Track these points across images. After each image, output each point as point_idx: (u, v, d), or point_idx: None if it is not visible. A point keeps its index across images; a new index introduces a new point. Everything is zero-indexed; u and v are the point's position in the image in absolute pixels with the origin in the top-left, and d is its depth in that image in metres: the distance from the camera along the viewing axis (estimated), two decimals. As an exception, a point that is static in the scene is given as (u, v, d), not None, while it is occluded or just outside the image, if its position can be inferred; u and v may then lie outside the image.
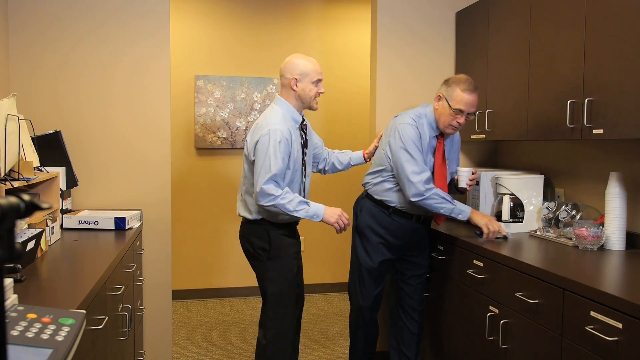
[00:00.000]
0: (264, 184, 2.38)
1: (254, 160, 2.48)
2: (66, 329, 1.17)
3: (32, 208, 0.74)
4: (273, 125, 2.45)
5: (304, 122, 2.65)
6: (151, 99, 3.28)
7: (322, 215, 2.48)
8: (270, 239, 2.56)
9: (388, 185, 2.78)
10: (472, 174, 2.77)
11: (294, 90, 2.56)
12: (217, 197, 4.87)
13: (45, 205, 0.75)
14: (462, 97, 2.61)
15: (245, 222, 2.65)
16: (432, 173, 2.74)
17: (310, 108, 2.62)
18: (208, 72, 4.81)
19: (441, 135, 2.77)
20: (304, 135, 2.63)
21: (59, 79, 3.17)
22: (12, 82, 3.11)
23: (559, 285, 1.98)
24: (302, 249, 2.99)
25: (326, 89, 4.95)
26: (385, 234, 2.81)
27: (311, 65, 2.57)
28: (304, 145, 2.62)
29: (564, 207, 2.70)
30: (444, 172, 2.79)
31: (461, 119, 2.64)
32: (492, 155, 3.68)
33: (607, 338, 1.72)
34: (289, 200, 2.41)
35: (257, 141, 2.45)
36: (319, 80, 2.59)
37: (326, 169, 2.93)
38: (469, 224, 2.75)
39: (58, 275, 2.05)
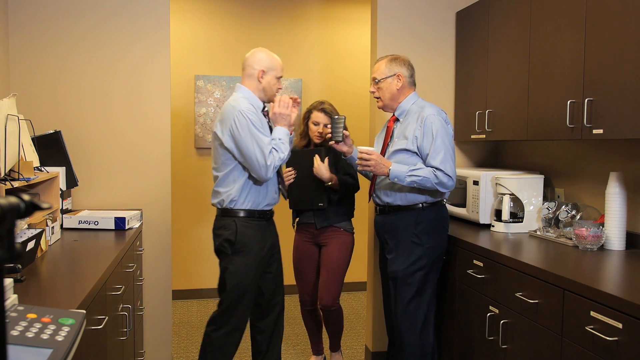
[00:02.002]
0: (268, 159, 2.47)
1: (226, 147, 2.53)
2: (66, 329, 1.17)
3: (32, 208, 0.74)
4: (240, 106, 2.52)
5: (265, 109, 2.70)
6: (151, 99, 3.28)
7: (284, 130, 2.58)
8: (237, 231, 2.55)
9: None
10: (369, 154, 2.56)
11: (259, 82, 2.64)
12: (217, 197, 4.86)
13: (45, 205, 0.75)
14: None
15: (218, 216, 2.66)
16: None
17: (270, 101, 2.70)
18: (208, 72, 4.81)
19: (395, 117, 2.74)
20: (267, 121, 2.68)
21: (59, 79, 3.17)
22: (12, 82, 3.11)
23: (559, 285, 1.98)
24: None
25: (326, 89, 5.01)
26: None
27: (277, 61, 2.70)
28: (270, 130, 2.66)
29: (564, 207, 2.70)
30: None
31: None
32: (492, 155, 3.68)
33: (607, 338, 1.72)
34: (276, 155, 2.50)
35: (232, 126, 2.49)
36: (281, 77, 2.70)
37: None
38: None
39: (58, 275, 2.04)
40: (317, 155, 2.96)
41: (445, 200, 2.74)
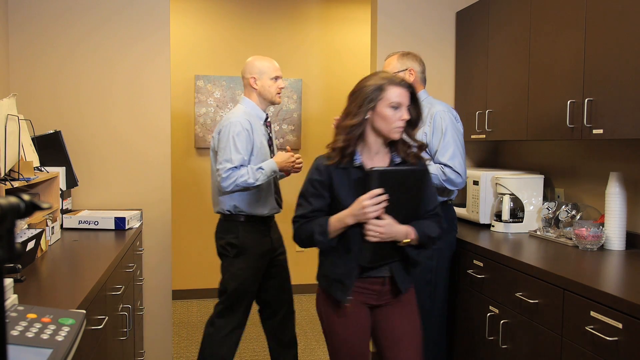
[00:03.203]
0: (225, 173, 2.51)
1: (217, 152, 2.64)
2: (66, 329, 1.17)
3: (32, 208, 0.74)
4: (233, 118, 2.60)
5: (268, 119, 2.78)
6: (151, 99, 3.28)
7: (274, 166, 2.60)
8: (239, 235, 2.64)
9: None
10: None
11: (255, 89, 2.70)
12: (217, 197, 4.86)
13: (45, 205, 0.75)
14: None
15: (221, 220, 2.75)
16: None
17: (273, 102, 2.75)
18: (208, 72, 4.81)
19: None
20: (268, 132, 2.76)
21: (59, 79, 3.17)
22: (12, 82, 3.11)
23: (559, 285, 1.98)
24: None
25: (326, 89, 5.00)
26: None
27: (268, 63, 2.72)
28: (270, 141, 2.75)
29: (564, 207, 2.70)
30: None
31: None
32: (492, 155, 3.68)
33: (607, 338, 1.72)
34: (246, 177, 2.52)
35: (221, 132, 2.61)
36: (278, 77, 2.73)
37: None
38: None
39: (58, 275, 2.04)
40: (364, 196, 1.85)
41: (452, 200, 2.67)
